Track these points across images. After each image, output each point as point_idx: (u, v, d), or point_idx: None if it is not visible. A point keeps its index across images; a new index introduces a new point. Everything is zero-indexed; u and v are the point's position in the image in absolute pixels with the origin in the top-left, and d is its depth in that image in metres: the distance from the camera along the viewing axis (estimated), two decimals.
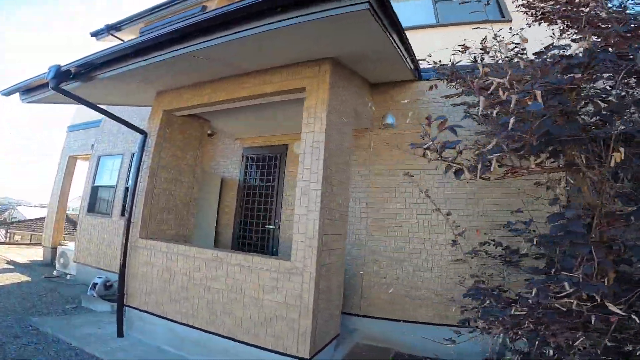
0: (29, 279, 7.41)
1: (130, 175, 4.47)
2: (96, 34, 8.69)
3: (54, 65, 3.68)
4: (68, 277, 7.46)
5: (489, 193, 4.17)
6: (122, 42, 4.45)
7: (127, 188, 6.68)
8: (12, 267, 8.65)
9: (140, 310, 4.16)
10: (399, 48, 3.55)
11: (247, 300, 3.42)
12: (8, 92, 4.43)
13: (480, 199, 4.20)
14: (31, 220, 22.94)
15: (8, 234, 19.21)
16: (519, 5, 3.42)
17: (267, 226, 5.73)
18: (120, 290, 4.26)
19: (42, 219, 24.41)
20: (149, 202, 4.45)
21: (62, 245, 9.34)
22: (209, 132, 6.69)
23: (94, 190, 7.39)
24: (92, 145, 8.83)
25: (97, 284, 6.01)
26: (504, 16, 5.14)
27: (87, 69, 3.76)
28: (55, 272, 7.81)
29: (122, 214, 6.62)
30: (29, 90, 4.42)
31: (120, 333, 4.14)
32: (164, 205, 4.65)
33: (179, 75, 4.19)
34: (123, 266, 4.31)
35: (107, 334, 4.25)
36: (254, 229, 5.87)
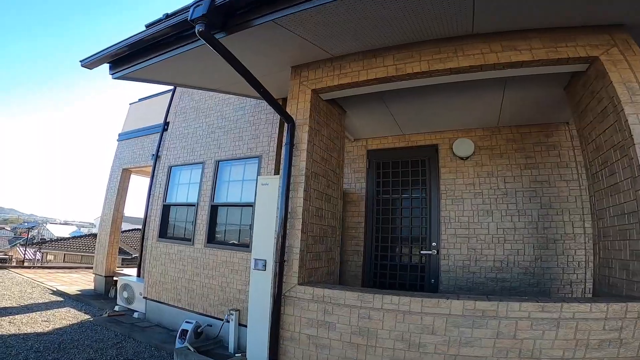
0: (89, 317, 6.10)
1: (281, 185, 3.07)
2: None
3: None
4: (135, 315, 6.11)
5: None
6: None
7: (214, 207, 5.35)
8: (61, 299, 7.38)
9: None
10: None
11: None
12: (95, 59, 3.15)
13: None
14: (63, 239, 22.15)
15: (41, 254, 18.33)
16: None
17: (422, 252, 4.26)
18: None
19: (76, 238, 23.70)
20: (306, 228, 3.05)
21: (118, 273, 8.07)
22: None
23: (166, 210, 6.07)
24: (154, 155, 7.62)
25: (187, 331, 4.64)
26: None
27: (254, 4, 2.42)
28: (117, 308, 6.49)
29: (210, 241, 5.27)
30: (133, 54, 3.12)
31: None
32: (317, 232, 3.25)
33: (371, 32, 2.83)
34: (275, 326, 2.89)
35: None
36: (399, 255, 4.40)
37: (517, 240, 3.91)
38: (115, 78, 3.47)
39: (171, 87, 8.20)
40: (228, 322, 4.67)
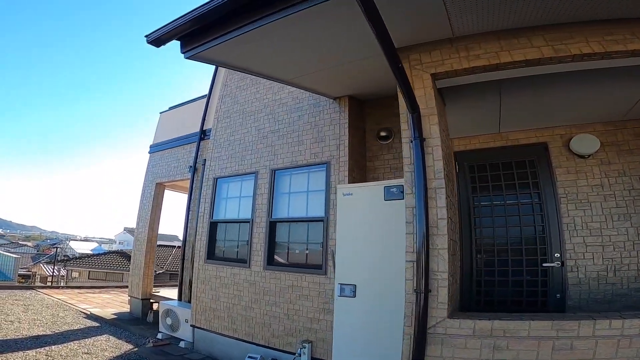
0: (132, 347, 5.50)
1: (416, 193, 2.40)
2: None
3: None
4: (182, 344, 5.48)
5: None
6: None
7: (272, 223, 4.71)
8: (96, 324, 6.82)
9: None
10: None
11: None
12: (165, 33, 2.58)
13: None
14: (87, 256, 21.93)
15: (66, 272, 18.07)
16: None
17: (544, 265, 3.51)
18: None
19: (100, 255, 23.45)
20: (451, 245, 2.38)
21: (155, 295, 7.50)
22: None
23: (213, 227, 5.46)
24: (191, 167, 7.08)
25: None
26: None
27: None
28: (160, 336, 5.89)
29: (271, 263, 4.62)
30: (214, 23, 2.56)
31: None
32: (453, 249, 2.57)
33: None
34: None
35: None
36: (507, 269, 3.67)
37: None
38: (187, 57, 2.90)
39: (205, 93, 7.71)
40: (300, 356, 4.00)
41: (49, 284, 12.37)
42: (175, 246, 19.04)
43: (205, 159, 6.80)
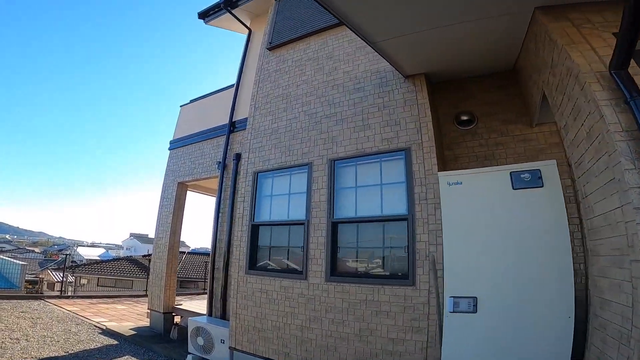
0: None
1: None
2: None
3: None
4: None
5: None
6: None
7: (334, 224, 3.86)
8: (114, 341, 5.98)
9: None
10: None
11: None
12: None
13: None
14: (96, 262, 21.22)
15: (75, 278, 17.33)
16: None
17: None
18: None
19: (109, 261, 22.70)
20: None
21: (178, 308, 6.65)
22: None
23: (254, 231, 4.61)
24: (219, 162, 6.27)
25: None
26: None
27: None
28: (190, 358, 5.03)
29: (335, 273, 3.76)
30: None
31: None
32: None
33: None
34: None
35: None
36: None
37: None
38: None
39: (233, 82, 6.93)
40: None
41: (57, 291, 11.55)
42: (184, 252, 18.22)
43: (236, 154, 6.02)
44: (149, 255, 24.95)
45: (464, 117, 3.98)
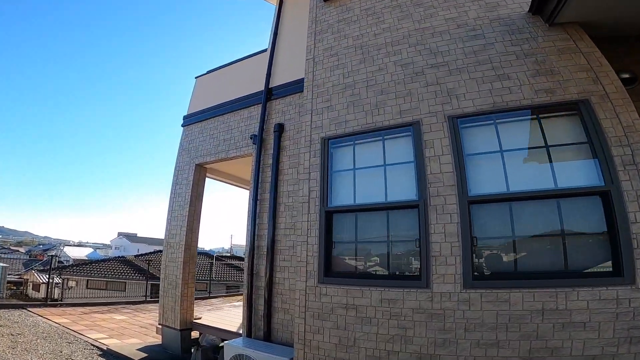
0: None
1: None
2: None
3: None
4: None
5: None
6: None
7: (470, 203, 2.56)
8: None
9: None
10: None
11: None
12: None
13: None
14: (84, 263, 19.47)
15: (62, 280, 15.69)
16: None
17: None
18: None
19: (99, 262, 20.97)
20: None
21: (197, 323, 5.27)
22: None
23: (328, 220, 3.26)
24: (255, 136, 4.93)
25: None
26: None
27: None
28: None
29: (481, 276, 2.47)
30: None
31: None
32: None
33: None
34: None
35: None
36: None
37: None
38: None
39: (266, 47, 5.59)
40: None
41: (42, 298, 9.97)
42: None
43: (278, 124, 4.70)
44: (142, 255, 23.34)
45: (625, 75, 3.16)
